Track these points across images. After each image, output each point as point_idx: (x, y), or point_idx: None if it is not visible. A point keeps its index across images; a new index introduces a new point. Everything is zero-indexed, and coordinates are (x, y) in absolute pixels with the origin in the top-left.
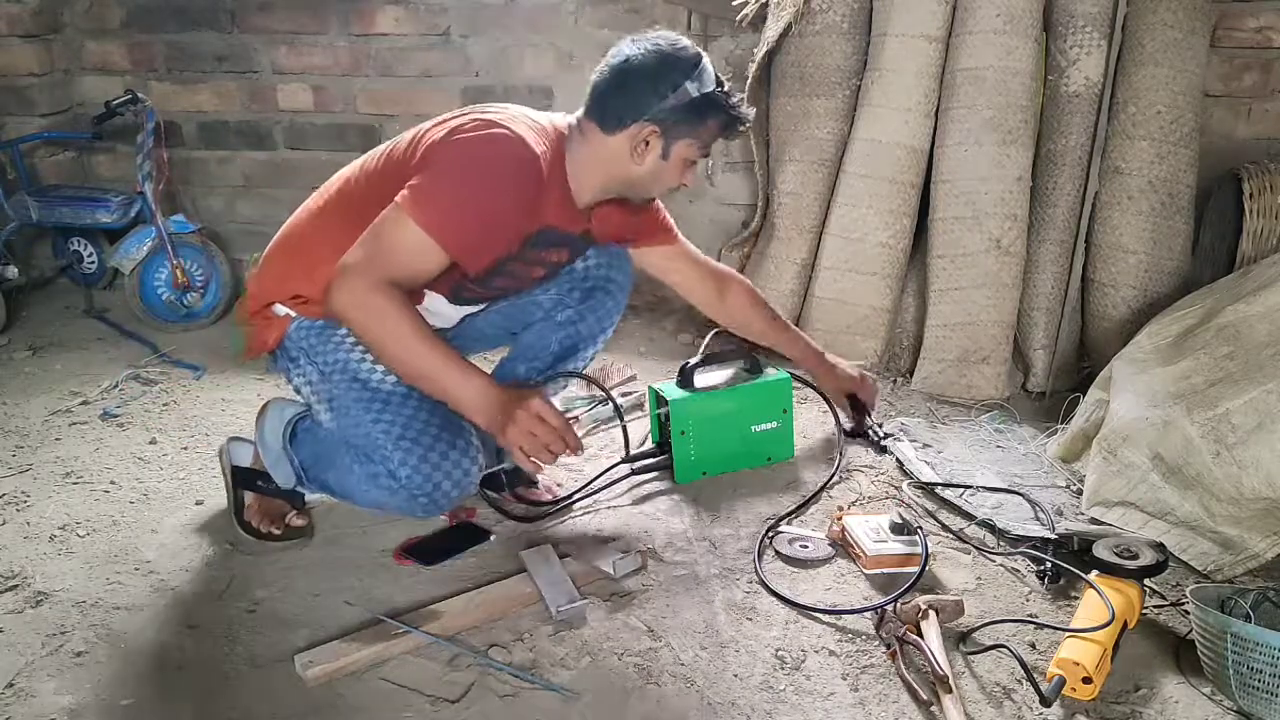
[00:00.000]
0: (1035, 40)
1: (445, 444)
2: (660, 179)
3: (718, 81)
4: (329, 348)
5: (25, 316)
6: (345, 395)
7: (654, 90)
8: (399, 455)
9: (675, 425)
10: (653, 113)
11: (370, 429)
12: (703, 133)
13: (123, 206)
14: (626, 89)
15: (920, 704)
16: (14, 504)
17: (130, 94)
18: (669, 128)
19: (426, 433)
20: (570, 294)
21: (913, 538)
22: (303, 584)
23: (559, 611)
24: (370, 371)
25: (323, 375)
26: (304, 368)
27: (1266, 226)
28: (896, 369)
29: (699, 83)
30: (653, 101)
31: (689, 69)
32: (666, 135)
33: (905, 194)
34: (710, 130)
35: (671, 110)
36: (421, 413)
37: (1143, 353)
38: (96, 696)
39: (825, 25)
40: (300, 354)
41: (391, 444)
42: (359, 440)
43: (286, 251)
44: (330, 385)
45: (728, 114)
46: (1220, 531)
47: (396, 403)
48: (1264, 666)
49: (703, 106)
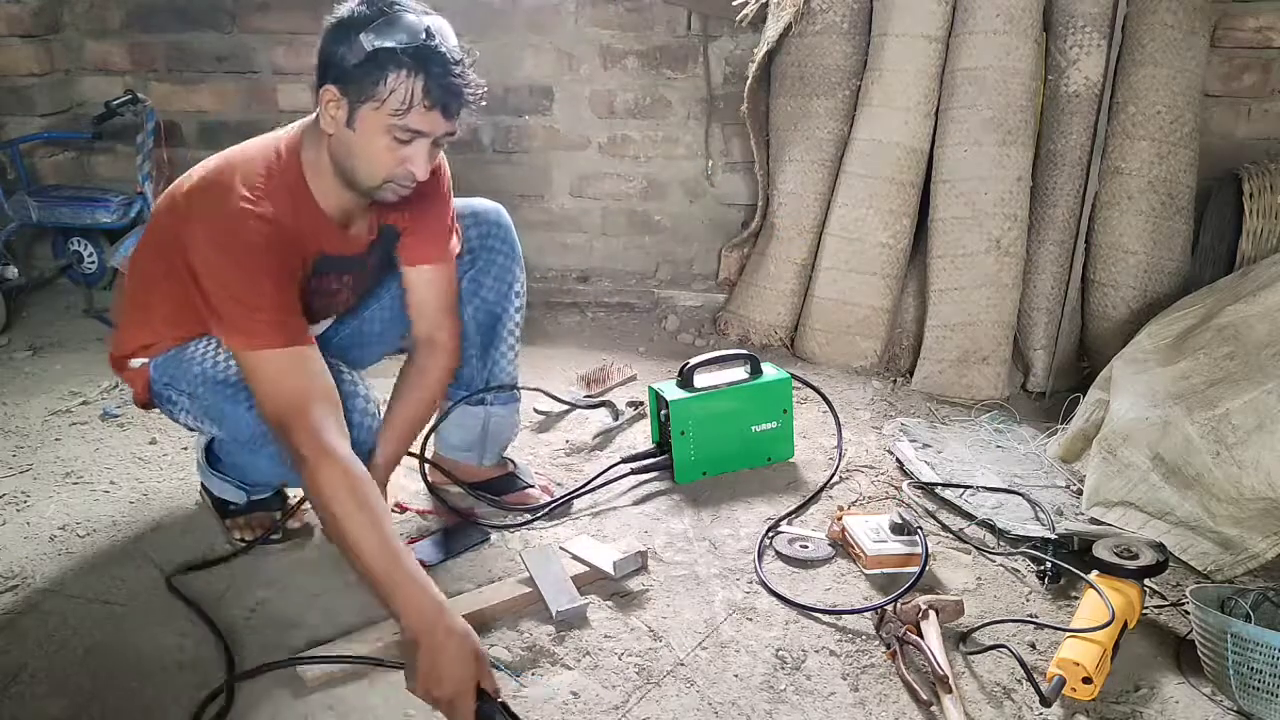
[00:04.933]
0: (1035, 40)
1: None
2: (359, 155)
3: (429, 39)
4: (184, 369)
5: (25, 316)
6: (215, 401)
7: (334, 45)
8: None
9: (675, 425)
10: (333, 71)
11: (248, 418)
12: (390, 98)
13: (123, 206)
14: (320, 48)
15: (920, 704)
16: (14, 504)
17: (130, 94)
18: (346, 87)
19: None
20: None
21: (913, 538)
22: (302, 584)
23: (559, 612)
24: (225, 370)
25: (192, 397)
26: (176, 400)
27: (1266, 226)
28: (896, 369)
29: (379, 35)
30: (332, 58)
31: (372, 19)
32: (348, 97)
33: (905, 194)
34: (398, 93)
35: (349, 68)
36: None
37: (1143, 353)
38: (97, 697)
39: (825, 25)
40: (168, 389)
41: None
42: (245, 434)
43: (127, 303)
44: (200, 401)
45: (419, 75)
46: (1220, 531)
47: None
48: (1264, 666)
49: (380, 60)
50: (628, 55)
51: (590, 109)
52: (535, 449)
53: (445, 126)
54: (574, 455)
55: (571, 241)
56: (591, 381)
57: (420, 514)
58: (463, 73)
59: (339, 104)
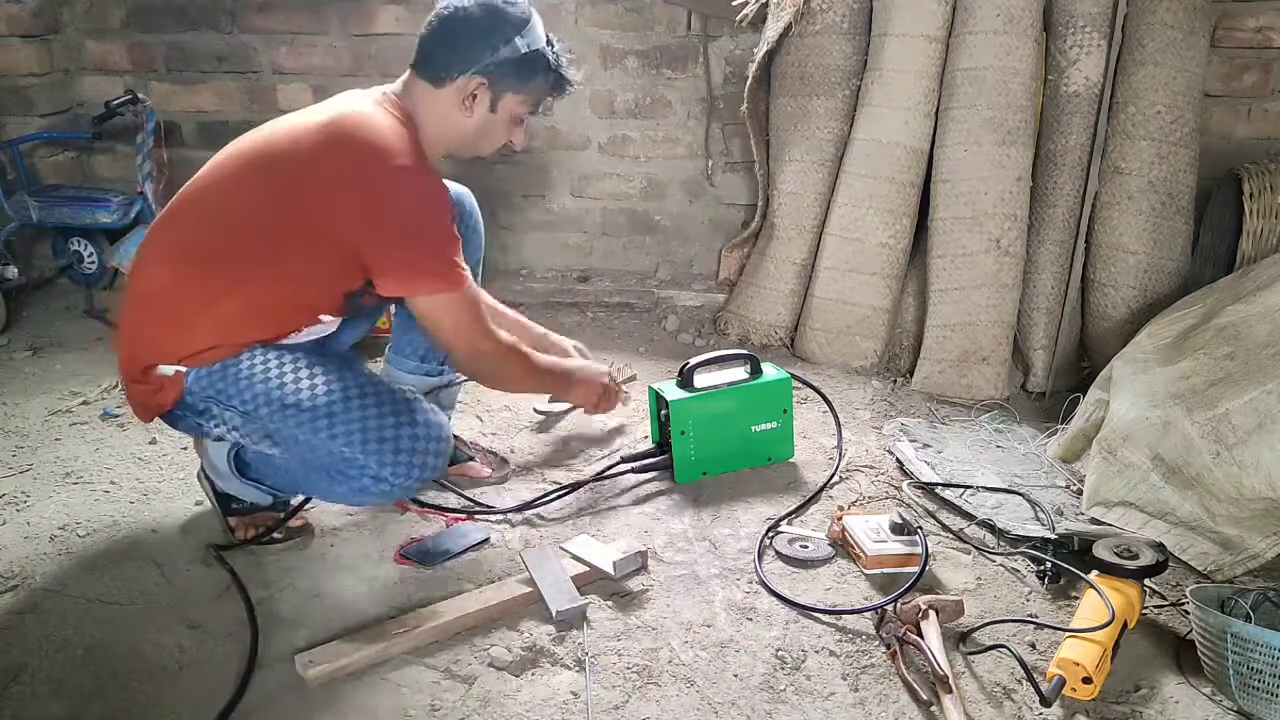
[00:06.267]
0: (1035, 40)
1: (406, 425)
2: (489, 134)
3: (548, 42)
4: (240, 387)
5: (25, 316)
6: (284, 426)
7: (484, 42)
8: (375, 460)
9: (675, 425)
10: (482, 65)
11: (331, 447)
12: (530, 89)
13: (123, 206)
14: (456, 41)
15: (920, 704)
16: (14, 504)
17: (130, 94)
18: (496, 81)
19: (385, 425)
20: None
21: (913, 538)
22: (303, 584)
23: (559, 612)
24: (295, 393)
25: (246, 416)
26: (220, 415)
27: (1266, 226)
28: (896, 369)
29: (528, 39)
30: (483, 54)
31: (520, 25)
32: (495, 88)
33: (905, 194)
34: (538, 87)
35: (500, 64)
36: (369, 408)
37: (1143, 353)
38: (97, 697)
39: (825, 25)
40: (209, 403)
41: (362, 454)
42: (325, 461)
43: (152, 318)
44: (261, 422)
45: (556, 73)
46: (1220, 531)
47: (340, 412)
48: (1264, 666)
49: (532, 62)
50: (628, 55)
51: (590, 109)
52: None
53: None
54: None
55: (572, 241)
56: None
57: (420, 514)
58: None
59: (486, 91)
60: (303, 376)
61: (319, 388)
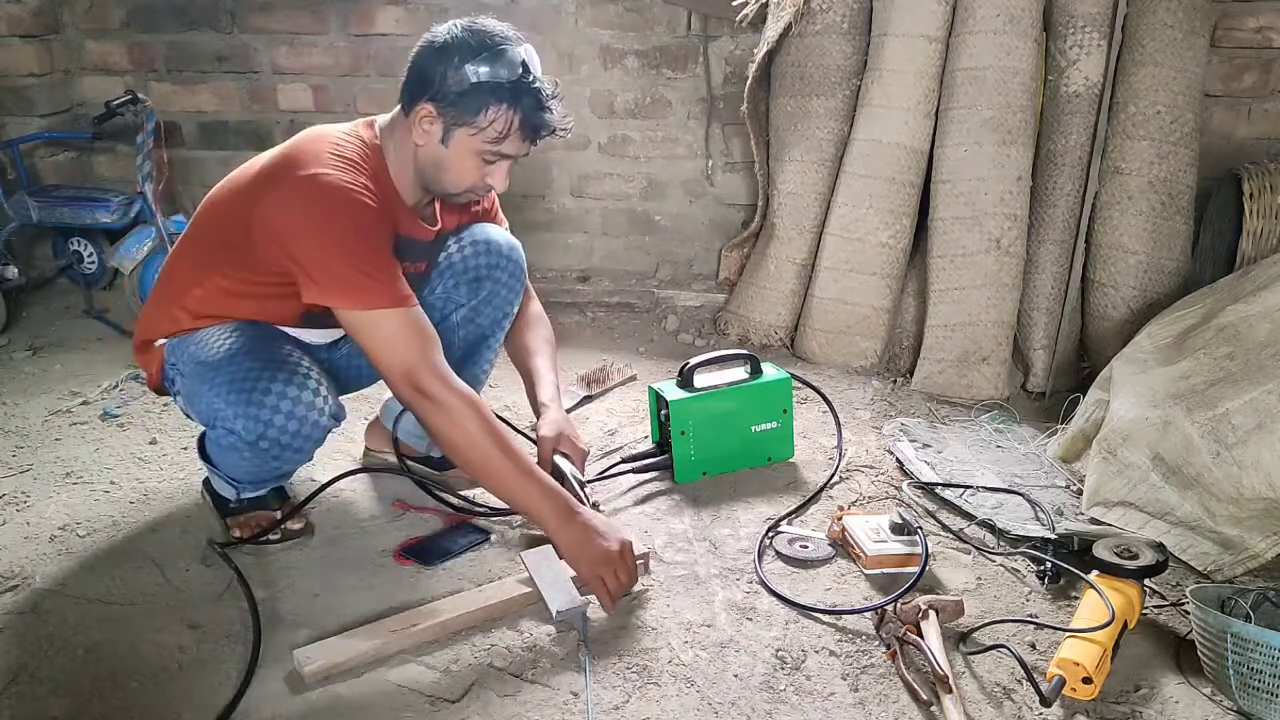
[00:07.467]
0: (1035, 40)
1: (266, 381)
2: (447, 169)
3: (529, 78)
4: (186, 355)
5: (25, 316)
6: (194, 381)
7: (434, 68)
8: (230, 410)
9: (675, 425)
10: (432, 90)
11: (210, 399)
12: (484, 124)
13: (123, 206)
14: (417, 64)
15: (920, 704)
16: (14, 504)
17: (130, 94)
18: (445, 110)
19: (248, 378)
20: (457, 289)
21: (913, 538)
22: (303, 584)
23: (559, 612)
24: (209, 351)
25: (183, 377)
26: (175, 381)
27: (1266, 226)
28: (896, 369)
29: (487, 68)
30: (434, 79)
31: (477, 51)
32: (445, 118)
33: (905, 194)
34: (498, 124)
35: (450, 92)
36: (245, 362)
37: (1143, 353)
38: (97, 697)
39: (825, 25)
40: (174, 372)
41: (222, 402)
42: (207, 415)
43: (158, 290)
44: (186, 380)
45: (525, 112)
46: (1220, 531)
47: (224, 363)
48: (1264, 666)
49: (483, 94)
50: (628, 55)
51: (590, 109)
52: None
53: (528, 149)
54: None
55: (572, 241)
56: (591, 381)
57: (420, 514)
58: (554, 107)
59: (434, 121)
60: (223, 339)
61: (224, 347)
